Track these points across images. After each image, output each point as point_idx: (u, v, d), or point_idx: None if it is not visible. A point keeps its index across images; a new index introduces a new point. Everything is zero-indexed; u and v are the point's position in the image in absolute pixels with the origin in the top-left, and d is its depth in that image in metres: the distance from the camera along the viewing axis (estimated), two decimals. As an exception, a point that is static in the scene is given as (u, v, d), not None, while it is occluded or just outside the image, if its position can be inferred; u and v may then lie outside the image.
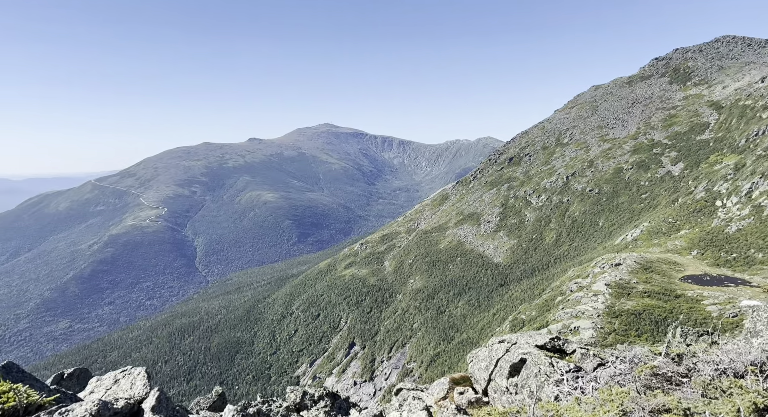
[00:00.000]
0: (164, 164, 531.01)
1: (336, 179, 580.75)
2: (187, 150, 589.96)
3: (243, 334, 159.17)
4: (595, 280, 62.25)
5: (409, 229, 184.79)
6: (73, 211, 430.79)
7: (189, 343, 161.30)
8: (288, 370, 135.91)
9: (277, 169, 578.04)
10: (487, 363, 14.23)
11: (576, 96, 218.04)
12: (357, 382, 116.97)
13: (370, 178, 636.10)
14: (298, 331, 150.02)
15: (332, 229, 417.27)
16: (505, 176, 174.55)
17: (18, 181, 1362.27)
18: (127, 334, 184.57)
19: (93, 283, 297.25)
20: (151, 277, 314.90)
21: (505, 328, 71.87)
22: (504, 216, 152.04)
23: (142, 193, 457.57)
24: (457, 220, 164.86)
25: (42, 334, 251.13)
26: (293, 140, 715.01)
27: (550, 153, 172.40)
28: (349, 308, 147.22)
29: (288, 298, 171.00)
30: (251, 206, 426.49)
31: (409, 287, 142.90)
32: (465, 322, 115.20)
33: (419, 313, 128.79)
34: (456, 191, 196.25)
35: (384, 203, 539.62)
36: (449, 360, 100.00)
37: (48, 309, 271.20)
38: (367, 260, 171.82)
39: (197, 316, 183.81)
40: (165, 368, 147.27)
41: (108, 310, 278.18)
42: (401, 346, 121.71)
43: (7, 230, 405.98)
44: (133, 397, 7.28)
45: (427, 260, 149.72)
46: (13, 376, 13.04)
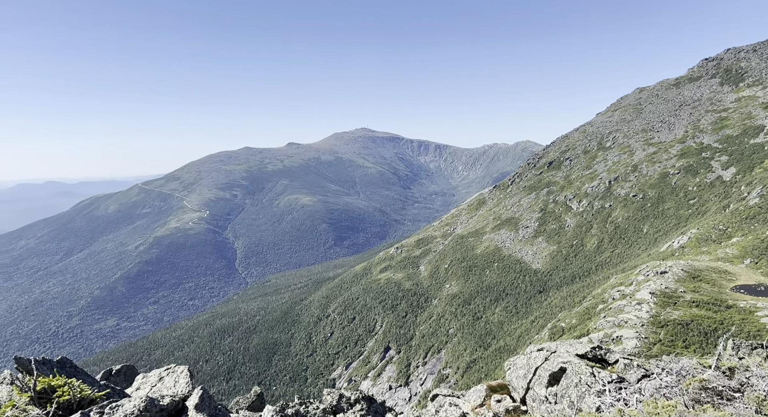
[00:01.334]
0: (207, 168, 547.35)
1: (372, 183, 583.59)
2: (228, 154, 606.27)
3: (280, 336, 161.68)
4: (639, 288, 60.07)
5: (445, 234, 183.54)
6: (121, 214, 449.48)
7: (229, 343, 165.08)
8: (324, 373, 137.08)
9: (315, 173, 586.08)
10: (526, 371, 13.98)
11: (619, 99, 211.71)
12: (392, 387, 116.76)
13: (406, 182, 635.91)
14: (334, 333, 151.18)
15: (368, 233, 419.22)
16: (545, 181, 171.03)
17: (71, 184, 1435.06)
18: (170, 333, 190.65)
19: (139, 283, 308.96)
20: (194, 278, 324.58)
21: (544, 336, 70.23)
22: (543, 221, 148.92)
23: (185, 196, 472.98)
24: (494, 225, 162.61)
25: (92, 331, 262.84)
26: (330, 144, 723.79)
27: (592, 157, 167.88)
28: (384, 312, 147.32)
29: (324, 301, 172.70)
30: (289, 210, 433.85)
31: (444, 292, 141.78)
32: (502, 329, 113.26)
33: (455, 318, 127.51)
34: (493, 196, 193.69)
35: (420, 207, 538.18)
36: (486, 367, 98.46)
37: (97, 307, 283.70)
38: (403, 264, 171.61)
39: (237, 317, 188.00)
40: (206, 367, 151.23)
41: (152, 309, 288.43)
42: (437, 351, 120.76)
43: (61, 231, 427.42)
44: (177, 395, 7.55)
45: (463, 265, 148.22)
46: (66, 371, 13.74)
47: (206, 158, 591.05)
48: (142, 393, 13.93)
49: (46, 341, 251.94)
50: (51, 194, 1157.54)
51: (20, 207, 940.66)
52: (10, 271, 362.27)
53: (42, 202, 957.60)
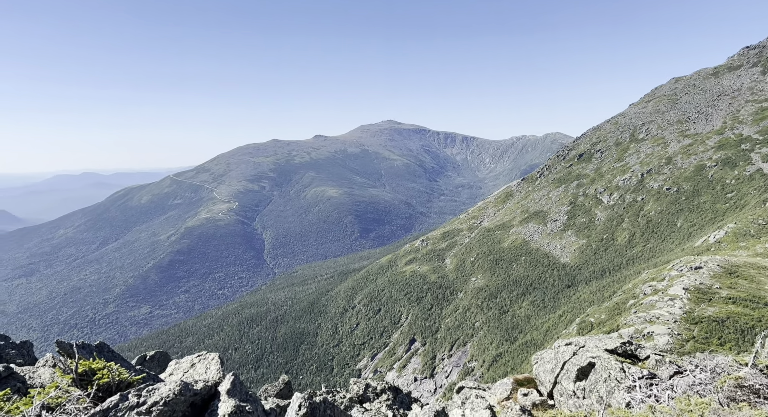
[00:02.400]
0: (236, 160, 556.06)
1: (398, 175, 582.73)
2: (257, 147, 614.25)
3: (307, 326, 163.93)
4: (671, 283, 58.54)
5: (471, 227, 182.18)
6: (154, 204, 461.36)
7: (257, 332, 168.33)
8: (350, 363, 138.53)
9: (341, 165, 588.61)
10: (553, 365, 13.85)
11: (654, 89, 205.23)
12: (417, 378, 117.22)
13: (432, 174, 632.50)
14: (359, 324, 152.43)
15: (393, 225, 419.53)
16: (575, 173, 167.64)
17: (106, 175, 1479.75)
18: (201, 321, 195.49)
19: (171, 272, 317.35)
20: (223, 268, 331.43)
21: (572, 331, 69.27)
22: (572, 214, 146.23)
23: (215, 187, 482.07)
24: (522, 218, 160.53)
25: (126, 318, 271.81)
26: (357, 137, 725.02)
27: (624, 149, 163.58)
28: (409, 304, 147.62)
29: (350, 292, 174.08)
30: (316, 201, 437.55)
31: (470, 285, 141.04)
32: (529, 323, 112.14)
33: (481, 312, 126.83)
34: (521, 188, 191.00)
35: (446, 200, 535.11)
36: (512, 361, 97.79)
37: (131, 295, 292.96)
38: (428, 257, 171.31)
39: (265, 307, 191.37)
40: (235, 355, 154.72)
41: (184, 298, 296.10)
42: (462, 344, 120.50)
43: (97, 221, 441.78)
44: (210, 380, 7.77)
45: (489, 258, 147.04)
46: (104, 355, 14.29)
47: (235, 150, 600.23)
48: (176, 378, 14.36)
49: (84, 327, 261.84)
50: (87, 185, 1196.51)
51: (58, 197, 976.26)
52: (50, 259, 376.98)
53: (79, 193, 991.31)
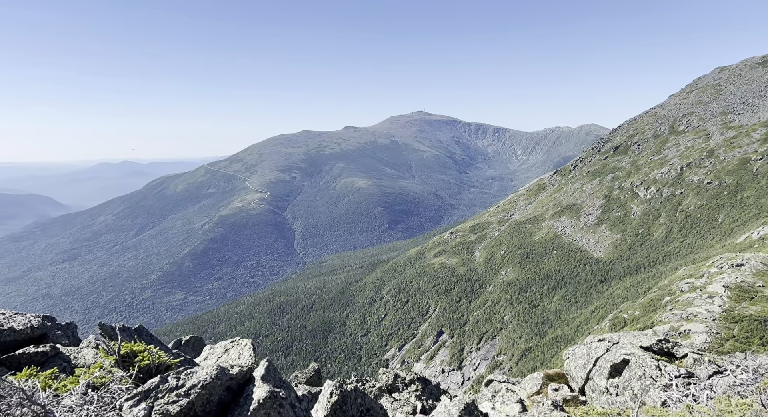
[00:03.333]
0: (268, 151, 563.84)
1: (427, 167, 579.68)
2: (288, 137, 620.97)
3: (336, 315, 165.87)
4: (711, 280, 56.57)
5: (501, 220, 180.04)
6: (189, 193, 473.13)
7: (287, 320, 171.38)
8: (378, 353, 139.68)
9: (371, 156, 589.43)
10: (585, 361, 13.64)
11: (696, 79, 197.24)
12: (445, 370, 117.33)
13: (462, 166, 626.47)
14: (387, 315, 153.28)
15: (422, 217, 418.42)
16: (610, 166, 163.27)
17: (144, 165, 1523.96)
18: (233, 308, 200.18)
19: (204, 260, 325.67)
20: (255, 256, 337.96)
21: (604, 327, 67.90)
22: (607, 208, 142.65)
23: (247, 177, 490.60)
24: (554, 212, 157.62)
25: (162, 303, 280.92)
26: (387, 128, 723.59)
27: (663, 141, 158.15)
28: (437, 296, 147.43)
29: (378, 283, 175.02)
30: (345, 192, 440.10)
31: (500, 279, 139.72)
32: (560, 318, 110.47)
33: (510, 305, 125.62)
34: (554, 181, 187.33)
35: (476, 192, 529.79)
36: (541, 355, 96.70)
37: (167, 281, 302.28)
38: (457, 249, 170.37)
39: (295, 295, 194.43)
40: (265, 342, 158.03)
41: (217, 284, 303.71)
42: (491, 337, 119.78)
43: (135, 209, 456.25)
44: (245, 366, 7.98)
45: (520, 252, 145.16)
46: (143, 338, 14.83)
47: (267, 141, 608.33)
48: (210, 362, 14.77)
49: (122, 310, 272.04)
50: (126, 173, 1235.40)
51: (100, 185, 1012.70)
52: (91, 245, 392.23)
53: (118, 181, 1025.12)
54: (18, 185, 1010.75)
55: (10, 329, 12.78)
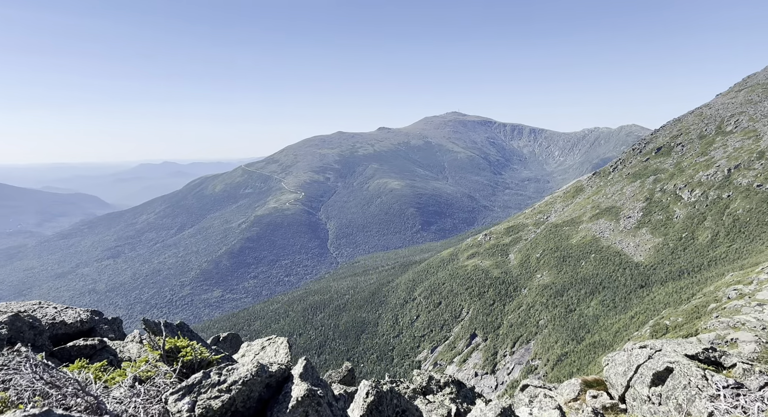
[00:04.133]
0: (303, 152, 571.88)
1: (461, 168, 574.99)
2: (322, 139, 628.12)
3: (368, 315, 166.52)
4: (760, 287, 53.92)
5: (537, 222, 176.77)
6: (226, 193, 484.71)
7: (320, 319, 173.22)
8: (410, 354, 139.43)
9: (404, 157, 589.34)
10: (626, 368, 13.26)
11: (746, 78, 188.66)
12: (478, 374, 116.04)
13: (497, 167, 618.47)
14: (420, 316, 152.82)
15: (455, 219, 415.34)
16: (652, 168, 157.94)
17: (184, 165, 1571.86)
18: (268, 306, 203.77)
19: (241, 258, 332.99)
20: (289, 256, 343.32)
21: (645, 333, 65.72)
22: (648, 211, 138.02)
23: (283, 178, 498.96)
24: (592, 214, 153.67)
25: (200, 301, 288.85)
26: (420, 129, 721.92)
27: (709, 142, 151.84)
28: (471, 299, 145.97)
29: (411, 284, 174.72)
30: (378, 193, 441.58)
31: (535, 282, 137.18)
32: (597, 323, 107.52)
33: (546, 309, 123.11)
34: (592, 183, 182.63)
35: (511, 194, 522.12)
36: (578, 361, 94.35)
37: (205, 279, 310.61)
38: (491, 252, 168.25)
39: (328, 295, 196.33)
40: (299, 340, 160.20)
41: (252, 283, 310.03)
42: (526, 341, 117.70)
43: (175, 208, 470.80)
44: (283, 363, 8.14)
45: (556, 255, 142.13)
46: (185, 334, 15.29)
47: (302, 142, 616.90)
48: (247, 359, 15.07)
49: (163, 307, 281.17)
50: (167, 174, 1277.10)
51: (142, 185, 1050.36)
52: (134, 243, 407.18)
53: (160, 181, 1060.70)
54: (67, 185, 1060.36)
55: (61, 323, 13.40)
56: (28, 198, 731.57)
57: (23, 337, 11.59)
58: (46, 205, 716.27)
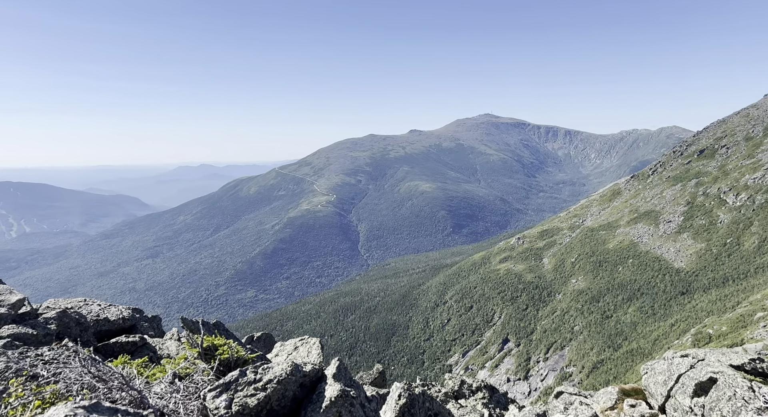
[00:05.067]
0: (335, 154, 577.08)
1: (493, 170, 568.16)
2: (354, 141, 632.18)
3: (399, 318, 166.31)
4: (813, 297, 51.26)
5: (572, 226, 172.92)
6: (260, 195, 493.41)
7: (351, 321, 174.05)
8: (441, 358, 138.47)
9: (435, 159, 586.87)
10: (666, 377, 12.82)
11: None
12: (510, 379, 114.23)
13: (531, 170, 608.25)
14: (450, 320, 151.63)
15: (487, 222, 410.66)
16: (694, 171, 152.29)
17: (220, 167, 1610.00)
18: (300, 307, 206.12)
19: (274, 259, 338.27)
20: (321, 257, 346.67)
21: (686, 342, 63.38)
22: (690, 216, 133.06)
23: (315, 180, 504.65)
24: (630, 218, 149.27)
25: (234, 300, 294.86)
26: (452, 131, 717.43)
27: (756, 144, 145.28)
28: (503, 303, 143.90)
29: (441, 288, 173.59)
30: (409, 196, 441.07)
31: (570, 287, 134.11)
32: (635, 330, 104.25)
33: (581, 315, 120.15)
34: (630, 186, 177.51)
35: (545, 197, 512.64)
36: (614, 369, 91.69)
37: (239, 279, 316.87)
38: (524, 256, 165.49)
39: (359, 297, 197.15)
40: (330, 342, 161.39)
41: (285, 284, 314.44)
42: (560, 348, 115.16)
43: (211, 209, 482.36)
44: (317, 364, 8.24)
45: (592, 260, 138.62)
46: (221, 333, 15.65)
47: (334, 145, 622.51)
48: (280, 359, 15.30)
49: (199, 306, 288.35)
50: (204, 176, 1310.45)
51: (180, 187, 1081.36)
52: (171, 243, 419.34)
53: (197, 183, 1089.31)
54: (110, 186, 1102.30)
55: (105, 319, 13.93)
56: (74, 199, 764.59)
57: (70, 333, 12.12)
58: (90, 206, 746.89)
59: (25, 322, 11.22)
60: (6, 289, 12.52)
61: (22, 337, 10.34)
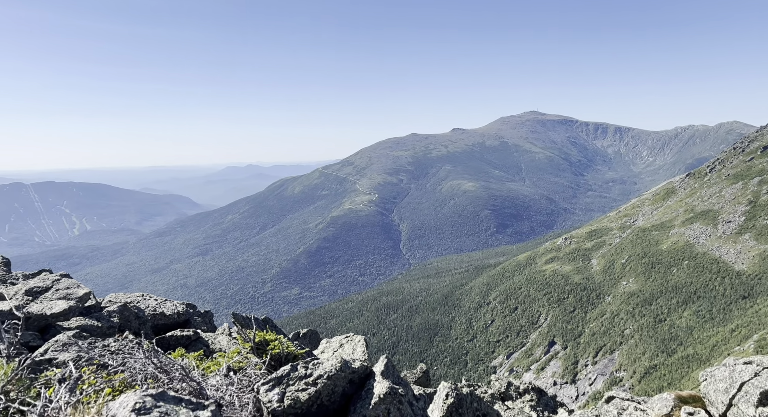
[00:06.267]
0: (377, 154, 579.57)
1: (539, 169, 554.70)
2: (396, 141, 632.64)
3: (441, 318, 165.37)
4: None
5: (622, 226, 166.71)
6: (305, 195, 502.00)
7: (393, 319, 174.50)
8: (484, 359, 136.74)
9: (478, 158, 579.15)
10: (727, 385, 12.19)
11: None
12: (557, 382, 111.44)
13: (579, 168, 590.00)
14: (494, 321, 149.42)
15: (533, 222, 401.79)
16: (757, 168, 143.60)
17: (266, 167, 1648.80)
18: (343, 305, 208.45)
19: (318, 258, 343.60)
20: (363, 256, 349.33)
21: (748, 349, 59.95)
22: (752, 216, 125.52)
23: (357, 179, 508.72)
24: (685, 218, 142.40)
25: (280, 297, 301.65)
26: (496, 129, 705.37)
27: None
28: (549, 305, 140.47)
29: (485, 288, 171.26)
30: (451, 195, 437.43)
31: (620, 289, 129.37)
32: (691, 335, 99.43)
33: (632, 319, 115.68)
34: (686, 184, 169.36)
35: (593, 196, 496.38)
36: (669, 375, 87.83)
37: (284, 277, 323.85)
38: (571, 256, 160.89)
39: (400, 296, 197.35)
40: (373, 340, 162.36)
41: (328, 282, 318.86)
42: (609, 351, 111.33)
43: (258, 208, 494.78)
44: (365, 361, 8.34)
45: (644, 261, 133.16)
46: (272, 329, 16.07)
47: (376, 144, 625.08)
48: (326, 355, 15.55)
49: (246, 302, 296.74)
50: (251, 176, 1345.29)
51: (228, 186, 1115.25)
52: (220, 241, 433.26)
53: (244, 183, 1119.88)
54: (163, 186, 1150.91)
55: (161, 314, 14.56)
56: (130, 198, 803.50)
57: (130, 326, 12.77)
58: (144, 205, 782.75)
59: (90, 315, 11.90)
60: (74, 283, 13.34)
61: (89, 328, 10.98)
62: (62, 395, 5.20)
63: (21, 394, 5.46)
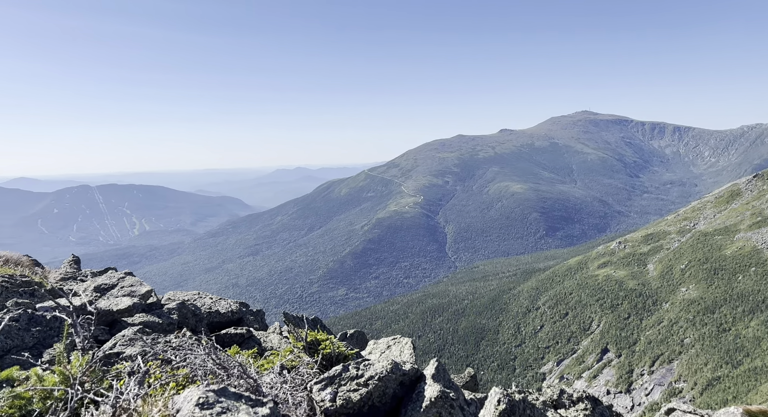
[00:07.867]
0: (422, 156, 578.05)
1: (591, 170, 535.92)
2: (442, 142, 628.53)
3: (488, 322, 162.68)
4: None
5: (681, 230, 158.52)
6: (351, 197, 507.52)
7: (438, 322, 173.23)
8: (533, 365, 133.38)
9: (527, 159, 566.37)
10: (804, 403, 11.34)
11: None
12: (610, 391, 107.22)
13: (634, 169, 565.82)
14: (544, 327, 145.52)
15: (584, 225, 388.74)
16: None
17: (314, 170, 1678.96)
18: (388, 306, 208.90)
19: (363, 259, 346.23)
20: (408, 258, 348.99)
21: (825, 365, 55.54)
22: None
23: (403, 182, 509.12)
24: (752, 222, 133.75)
25: (326, 298, 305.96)
26: (545, 130, 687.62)
27: None
28: (602, 311, 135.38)
29: (534, 293, 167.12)
30: (499, 197, 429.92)
31: (679, 296, 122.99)
32: (759, 346, 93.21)
33: (693, 327, 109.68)
34: (753, 186, 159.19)
35: (650, 198, 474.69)
36: (734, 388, 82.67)
37: (331, 277, 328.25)
38: (626, 261, 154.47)
39: (446, 299, 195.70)
40: (418, 343, 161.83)
41: (374, 283, 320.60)
42: (667, 361, 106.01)
43: (305, 210, 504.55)
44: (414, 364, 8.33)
45: (705, 267, 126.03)
46: (324, 329, 16.35)
47: (422, 146, 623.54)
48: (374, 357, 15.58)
49: (294, 302, 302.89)
50: (299, 178, 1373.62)
51: (278, 189, 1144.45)
52: (270, 242, 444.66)
53: (293, 185, 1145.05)
54: (215, 188, 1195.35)
55: (216, 312, 15.10)
56: (185, 200, 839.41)
57: (188, 323, 13.31)
58: (198, 206, 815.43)
59: (152, 312, 12.51)
60: (137, 281, 14.07)
61: (151, 324, 11.54)
62: (132, 388, 5.49)
63: (95, 385, 5.82)
